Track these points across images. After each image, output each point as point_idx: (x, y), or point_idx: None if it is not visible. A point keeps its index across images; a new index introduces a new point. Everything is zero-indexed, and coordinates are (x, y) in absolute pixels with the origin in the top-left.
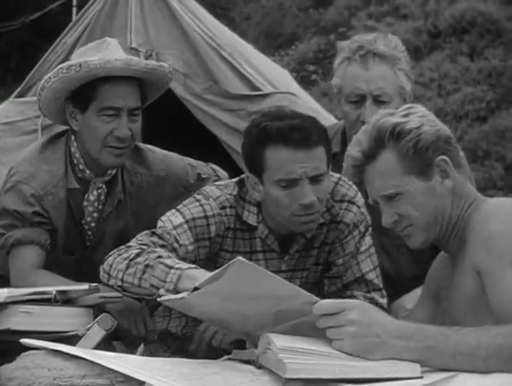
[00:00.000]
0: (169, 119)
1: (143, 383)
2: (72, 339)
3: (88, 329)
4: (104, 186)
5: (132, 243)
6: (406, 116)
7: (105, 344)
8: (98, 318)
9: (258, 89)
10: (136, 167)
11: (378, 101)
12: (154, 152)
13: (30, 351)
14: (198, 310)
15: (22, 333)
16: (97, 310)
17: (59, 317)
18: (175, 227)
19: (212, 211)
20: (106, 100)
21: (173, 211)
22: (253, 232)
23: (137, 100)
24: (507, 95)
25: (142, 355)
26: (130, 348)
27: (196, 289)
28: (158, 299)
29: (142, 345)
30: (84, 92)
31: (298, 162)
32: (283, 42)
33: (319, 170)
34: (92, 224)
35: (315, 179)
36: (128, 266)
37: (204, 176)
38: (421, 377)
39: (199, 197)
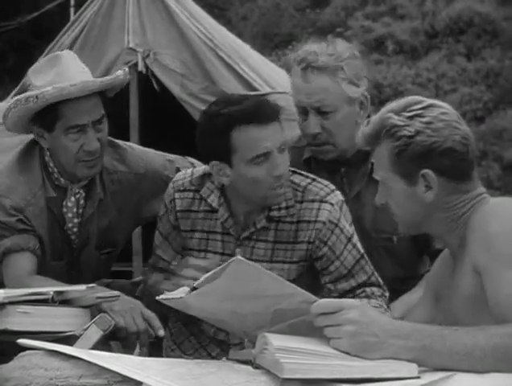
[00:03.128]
0: (166, 119)
1: (140, 383)
2: (70, 340)
3: (85, 329)
4: (81, 191)
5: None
6: (411, 118)
7: (103, 344)
8: (95, 318)
9: (256, 89)
10: (116, 166)
11: (321, 112)
12: (133, 149)
13: (28, 351)
14: (197, 310)
15: (20, 333)
16: (95, 310)
17: (56, 317)
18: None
19: (170, 197)
20: (71, 119)
21: None
22: (215, 213)
23: (100, 110)
24: (504, 95)
25: (140, 355)
26: (128, 348)
27: (194, 288)
28: (157, 298)
29: (138, 345)
30: (48, 114)
31: (268, 137)
32: (280, 42)
33: (284, 140)
34: (75, 229)
35: (282, 149)
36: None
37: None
38: (418, 377)
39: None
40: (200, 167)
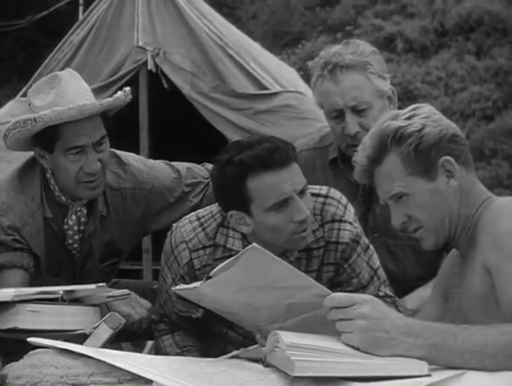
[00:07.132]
0: (176, 117)
1: (151, 381)
2: (79, 338)
3: (95, 327)
4: (83, 209)
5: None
6: (409, 118)
7: (113, 344)
8: (106, 316)
9: (266, 88)
10: (120, 183)
11: (357, 110)
12: (139, 164)
13: (38, 350)
14: (210, 301)
15: (29, 332)
16: (104, 308)
17: (65, 315)
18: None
19: (187, 258)
20: (70, 140)
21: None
22: None
23: (100, 130)
24: None
25: (150, 353)
26: (138, 348)
27: (209, 277)
28: (173, 288)
29: (148, 343)
30: (48, 134)
31: (285, 182)
32: (290, 40)
33: (303, 182)
34: (76, 245)
35: (302, 192)
36: None
37: (193, 180)
38: (429, 375)
39: (173, 244)
40: (205, 210)
